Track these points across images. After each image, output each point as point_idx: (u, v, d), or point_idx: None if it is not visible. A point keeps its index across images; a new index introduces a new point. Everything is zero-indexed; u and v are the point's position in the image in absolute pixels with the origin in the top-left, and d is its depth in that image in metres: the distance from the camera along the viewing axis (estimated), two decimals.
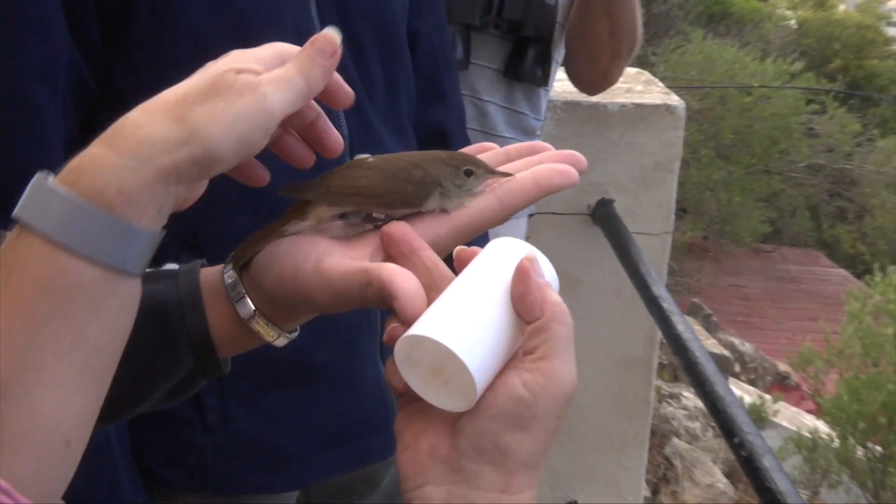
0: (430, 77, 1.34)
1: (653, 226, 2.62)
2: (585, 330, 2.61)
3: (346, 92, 0.70)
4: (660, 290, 2.06)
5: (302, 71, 0.64)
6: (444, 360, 0.62)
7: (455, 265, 0.68)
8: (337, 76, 0.68)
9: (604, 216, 2.56)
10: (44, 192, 0.58)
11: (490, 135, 2.02)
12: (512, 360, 0.63)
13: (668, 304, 1.99)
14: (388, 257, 0.67)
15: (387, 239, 0.68)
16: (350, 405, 1.19)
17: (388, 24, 1.21)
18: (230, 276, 0.72)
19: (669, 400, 5.10)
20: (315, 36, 0.66)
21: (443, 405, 0.62)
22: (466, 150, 0.78)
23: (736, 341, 8.13)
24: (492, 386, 0.61)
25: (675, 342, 1.86)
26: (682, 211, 12.33)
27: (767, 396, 6.50)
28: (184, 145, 0.59)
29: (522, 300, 0.63)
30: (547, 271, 0.66)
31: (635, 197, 2.61)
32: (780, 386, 7.86)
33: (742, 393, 6.15)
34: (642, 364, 2.70)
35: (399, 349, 0.62)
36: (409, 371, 0.63)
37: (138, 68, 0.99)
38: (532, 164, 0.73)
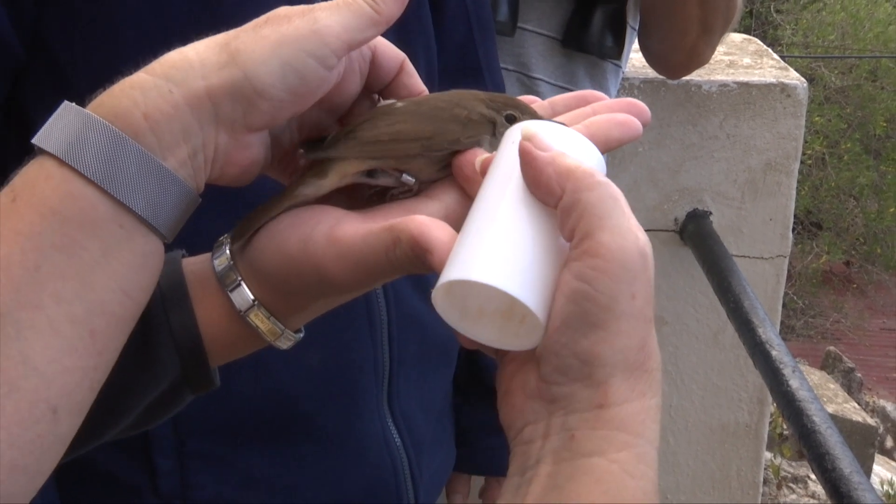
0: (460, 45, 1.39)
1: (763, 247, 2.65)
2: (672, 388, 2.64)
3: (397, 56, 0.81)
4: (768, 333, 2.09)
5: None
6: (489, 299, 0.70)
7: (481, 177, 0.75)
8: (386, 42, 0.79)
9: (696, 234, 2.58)
10: (63, 112, 0.67)
11: None
12: (566, 258, 0.68)
13: (778, 351, 2.02)
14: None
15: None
16: (349, 470, 1.23)
17: None
18: (221, 261, 0.79)
19: (792, 484, 5.09)
20: None
21: (513, 346, 0.70)
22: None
23: (889, 406, 8.07)
24: (554, 294, 0.67)
25: (786, 403, 1.89)
26: (814, 227, 12.28)
27: None
28: (222, 69, 0.68)
29: (537, 185, 0.69)
30: (563, 140, 0.72)
31: (739, 209, 2.63)
32: None
33: (894, 475, 6.10)
34: (749, 433, 2.72)
35: (436, 301, 0.69)
36: (459, 322, 0.71)
37: (74, 33, 1.04)
38: (584, 116, 0.80)
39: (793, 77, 2.67)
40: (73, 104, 0.67)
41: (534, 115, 0.79)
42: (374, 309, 1.20)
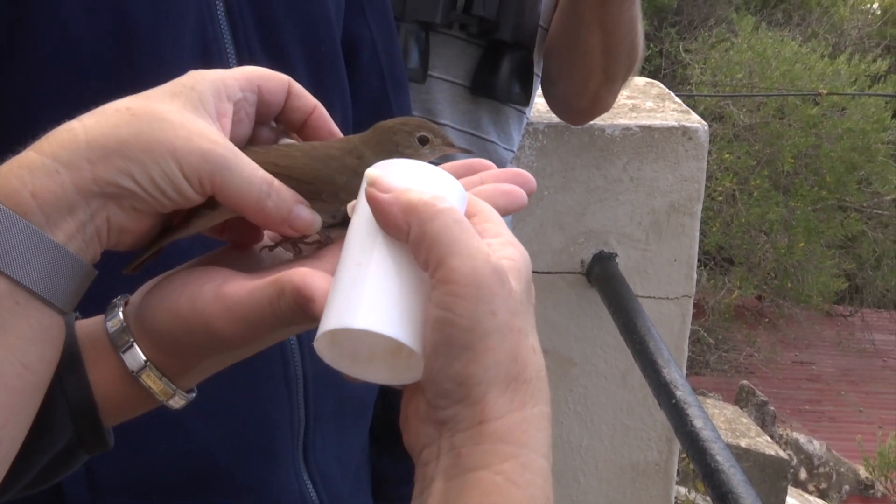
0: (374, 100, 1.40)
1: (668, 288, 2.70)
2: (582, 428, 2.67)
3: (336, 135, 0.84)
4: (672, 373, 2.13)
5: (258, 177, 0.76)
6: (372, 342, 0.72)
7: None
8: (327, 115, 0.84)
9: (602, 275, 2.62)
10: None
11: None
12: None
13: (682, 391, 2.06)
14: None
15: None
16: None
17: (319, 25, 1.27)
18: (114, 323, 0.80)
19: None
20: (297, 212, 0.78)
21: (406, 380, 0.73)
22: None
23: (801, 438, 8.20)
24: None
25: (690, 442, 1.92)
26: (726, 262, 12.46)
27: None
28: (109, 158, 0.70)
29: (387, 226, 0.71)
30: (410, 174, 0.75)
31: (645, 250, 2.68)
32: (863, 497, 7.92)
33: None
34: (659, 471, 2.75)
35: (320, 351, 0.71)
36: (351, 368, 0.73)
37: None
38: (472, 185, 0.82)
39: (694, 120, 2.73)
40: None
41: (445, 140, 0.84)
42: (290, 366, 1.21)
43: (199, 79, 0.76)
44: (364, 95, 1.37)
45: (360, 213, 0.75)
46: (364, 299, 0.69)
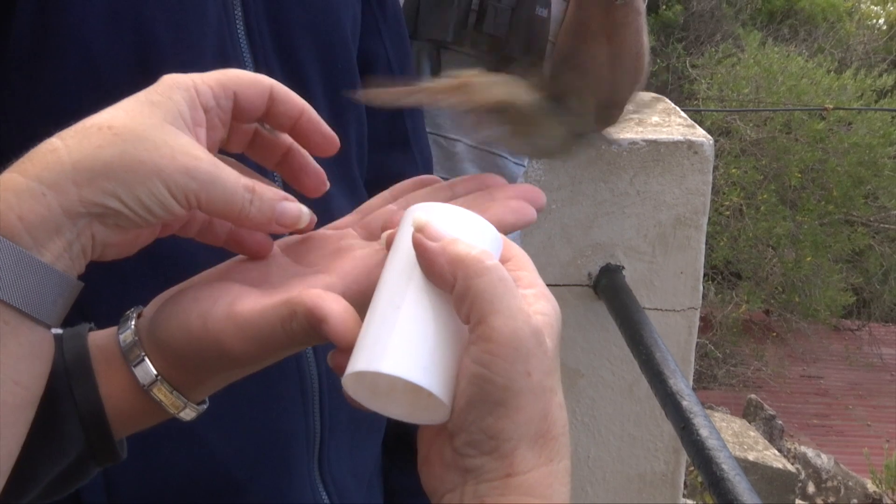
0: (389, 118, 1.41)
1: (675, 300, 2.72)
2: (590, 439, 2.68)
3: (329, 137, 0.85)
4: (679, 384, 2.15)
5: (240, 186, 0.77)
6: (394, 383, 0.73)
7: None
8: (317, 118, 0.84)
9: (609, 288, 2.64)
10: None
11: None
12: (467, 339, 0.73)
13: (688, 401, 2.08)
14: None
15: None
16: None
17: (336, 46, 1.28)
18: (126, 336, 0.81)
19: None
20: (280, 209, 0.80)
21: (423, 420, 0.74)
22: (404, 183, 0.90)
23: (809, 452, 8.18)
24: (457, 376, 0.72)
25: (696, 451, 1.94)
26: (734, 276, 12.44)
27: None
28: (94, 180, 0.71)
29: (432, 275, 0.73)
30: (457, 223, 0.76)
31: (651, 262, 2.70)
32: None
33: None
34: (666, 482, 2.77)
35: (347, 386, 0.73)
36: (370, 401, 0.75)
37: (13, 84, 1.05)
38: (482, 200, 0.85)
39: (699, 134, 2.75)
40: None
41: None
42: (307, 378, 1.22)
43: (174, 85, 0.77)
44: (379, 112, 1.38)
45: (400, 251, 0.76)
46: (395, 343, 0.71)
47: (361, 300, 0.78)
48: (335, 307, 0.73)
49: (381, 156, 1.40)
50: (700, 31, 14.63)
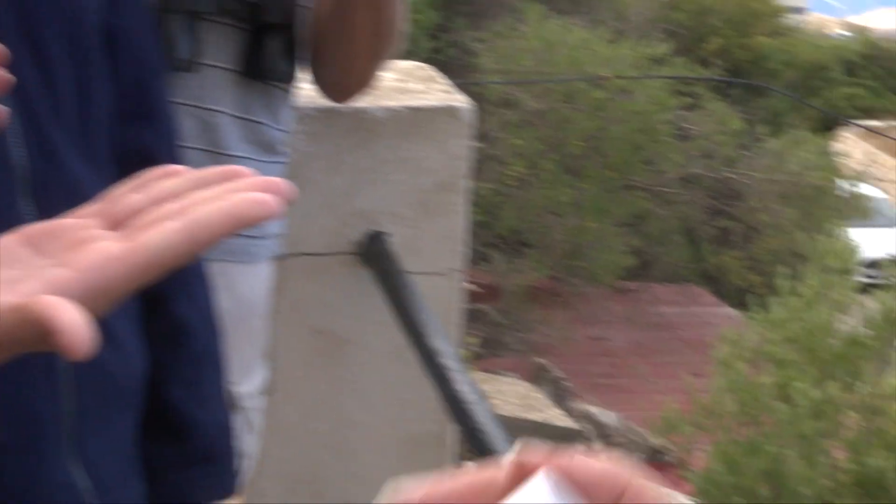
0: (134, 88, 1.40)
1: (438, 263, 2.75)
2: (358, 404, 2.71)
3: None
4: (439, 343, 2.20)
5: None
6: None
7: None
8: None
9: (375, 255, 2.67)
10: None
11: (220, 154, 2.10)
12: None
13: (447, 359, 2.13)
14: None
15: None
16: None
17: (80, 18, 1.26)
18: None
19: None
20: None
21: None
22: (151, 172, 0.90)
23: (594, 410, 8.46)
24: None
25: (454, 407, 2.00)
26: (521, 245, 12.71)
27: None
28: None
29: None
30: None
31: (415, 227, 2.73)
32: (655, 463, 8.20)
33: None
34: (436, 442, 2.82)
35: None
36: None
37: None
38: (228, 192, 0.85)
39: (458, 100, 2.80)
40: None
41: None
42: (55, 360, 1.19)
43: None
44: (123, 84, 1.37)
45: None
46: None
47: (97, 295, 0.76)
48: (69, 318, 0.70)
49: (126, 126, 1.38)
50: (483, 6, 14.84)
